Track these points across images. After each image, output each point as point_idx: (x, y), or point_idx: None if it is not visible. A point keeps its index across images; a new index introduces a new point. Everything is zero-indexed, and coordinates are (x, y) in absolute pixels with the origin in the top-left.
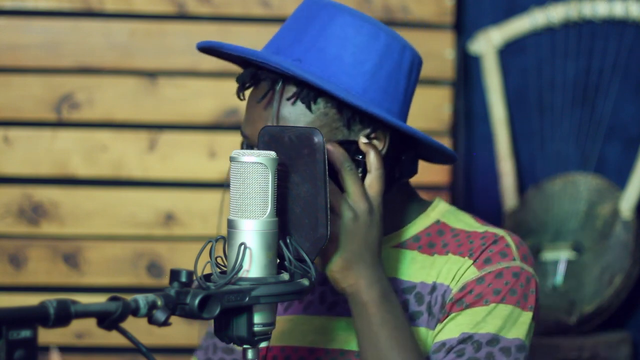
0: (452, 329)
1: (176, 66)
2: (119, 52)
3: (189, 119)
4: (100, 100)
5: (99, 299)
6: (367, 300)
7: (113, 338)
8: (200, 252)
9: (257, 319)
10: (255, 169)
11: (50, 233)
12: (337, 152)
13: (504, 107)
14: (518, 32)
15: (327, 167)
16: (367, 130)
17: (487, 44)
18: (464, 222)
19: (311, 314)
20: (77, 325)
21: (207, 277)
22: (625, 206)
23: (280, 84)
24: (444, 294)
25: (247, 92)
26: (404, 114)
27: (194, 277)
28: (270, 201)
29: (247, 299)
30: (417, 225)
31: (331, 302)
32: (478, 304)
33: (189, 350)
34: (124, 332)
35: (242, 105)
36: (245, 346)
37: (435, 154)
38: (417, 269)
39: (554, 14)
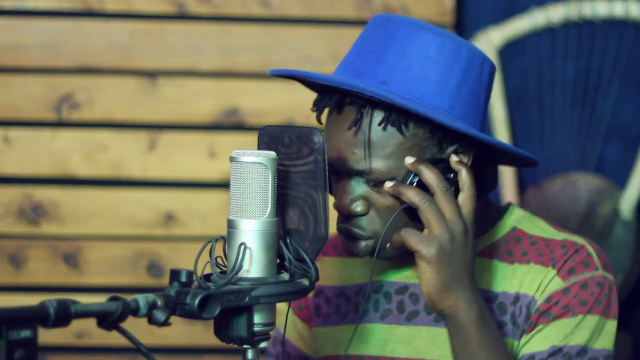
0: (541, 341)
1: (176, 66)
2: (119, 52)
3: (189, 119)
4: (100, 100)
5: (99, 299)
6: (466, 322)
7: (113, 338)
8: (200, 252)
9: (257, 319)
10: (256, 169)
11: (50, 233)
12: (432, 173)
13: (504, 107)
14: (518, 32)
15: (327, 167)
16: (455, 147)
17: (487, 44)
18: (540, 228)
19: (390, 323)
20: (77, 325)
21: (207, 277)
22: (625, 206)
23: (368, 109)
24: (528, 305)
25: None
26: (483, 125)
27: (194, 277)
28: (270, 201)
29: (247, 299)
30: (495, 234)
31: (410, 312)
32: (565, 316)
33: (189, 350)
34: (124, 332)
35: (243, 104)
36: (245, 346)
37: (514, 161)
38: (498, 278)
39: (554, 14)
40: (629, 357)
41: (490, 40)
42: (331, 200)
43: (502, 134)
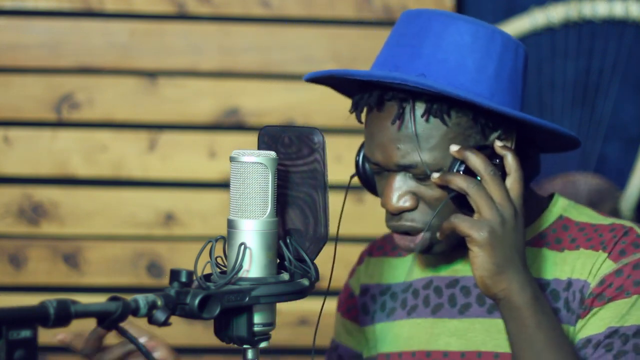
0: (597, 324)
1: (176, 66)
2: (119, 52)
3: (189, 119)
4: (100, 100)
5: (99, 299)
6: (521, 304)
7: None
8: (200, 252)
9: (257, 319)
10: (256, 169)
11: (50, 233)
12: (479, 158)
13: None
14: (518, 32)
15: (327, 167)
16: (498, 133)
17: None
18: (587, 214)
19: (442, 317)
20: (77, 325)
21: (207, 277)
22: (625, 206)
23: (409, 102)
24: (581, 290)
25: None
26: (522, 110)
27: (194, 277)
28: (270, 201)
29: (247, 299)
30: (542, 222)
31: (463, 305)
32: (620, 297)
33: (189, 351)
34: (124, 332)
35: (243, 104)
36: (245, 346)
37: (555, 145)
38: (549, 265)
39: (554, 14)
40: None
41: None
42: (331, 198)
43: None
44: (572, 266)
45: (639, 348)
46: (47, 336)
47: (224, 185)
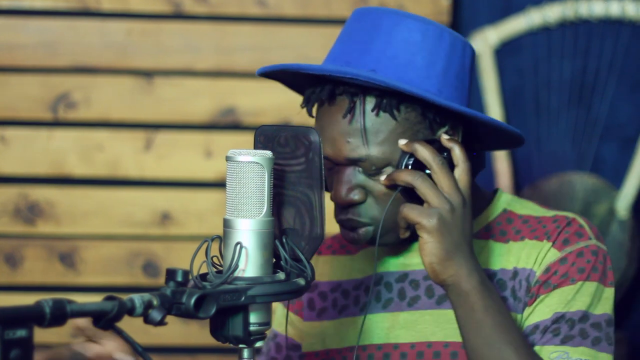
0: (544, 310)
1: (172, 66)
2: (116, 51)
3: (185, 119)
4: (97, 99)
5: (95, 299)
6: (469, 289)
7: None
8: (196, 252)
9: (253, 318)
10: (252, 169)
11: (46, 232)
12: (427, 150)
13: (500, 107)
14: (514, 32)
15: (323, 167)
16: (445, 128)
17: (484, 43)
18: (530, 208)
19: (392, 311)
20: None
21: (203, 277)
22: (621, 206)
23: (360, 96)
24: (527, 278)
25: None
26: (468, 107)
27: (190, 277)
28: (266, 200)
29: (243, 298)
30: (487, 216)
31: (412, 298)
32: (565, 284)
33: (185, 350)
34: (119, 332)
35: (239, 104)
36: (241, 346)
37: (499, 141)
38: (495, 256)
39: (550, 14)
40: (625, 356)
41: (486, 40)
42: (327, 196)
43: None
44: (517, 256)
45: (585, 332)
46: (43, 336)
47: (220, 184)
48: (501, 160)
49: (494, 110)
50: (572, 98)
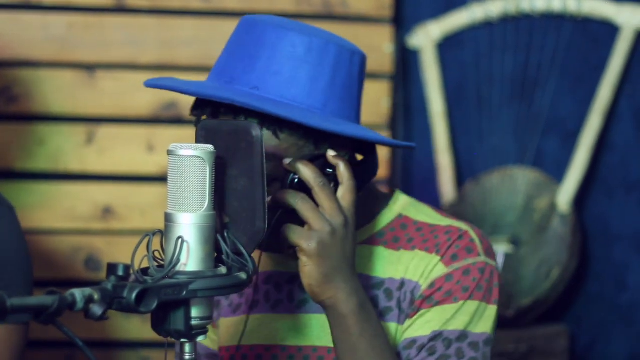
0: (423, 326)
1: (115, 59)
2: (57, 45)
3: (127, 113)
4: (38, 93)
5: (37, 293)
6: (346, 312)
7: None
8: (137, 246)
9: (195, 312)
10: (193, 162)
11: None
12: (309, 170)
13: (443, 101)
14: (457, 27)
15: (264, 161)
16: (331, 142)
17: (426, 38)
18: (425, 214)
19: (281, 312)
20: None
21: (145, 271)
22: (563, 200)
23: (242, 117)
24: (413, 291)
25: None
26: (359, 115)
27: (131, 271)
28: (207, 195)
29: (184, 292)
30: (381, 221)
31: (300, 301)
32: (447, 302)
33: (126, 345)
34: (60, 327)
35: (181, 98)
36: (182, 340)
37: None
38: (385, 264)
39: (492, 9)
40: (566, 350)
41: (428, 34)
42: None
43: (440, 128)
44: (406, 266)
45: (461, 352)
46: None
47: (162, 179)
48: (443, 155)
49: (436, 104)
50: (514, 92)
